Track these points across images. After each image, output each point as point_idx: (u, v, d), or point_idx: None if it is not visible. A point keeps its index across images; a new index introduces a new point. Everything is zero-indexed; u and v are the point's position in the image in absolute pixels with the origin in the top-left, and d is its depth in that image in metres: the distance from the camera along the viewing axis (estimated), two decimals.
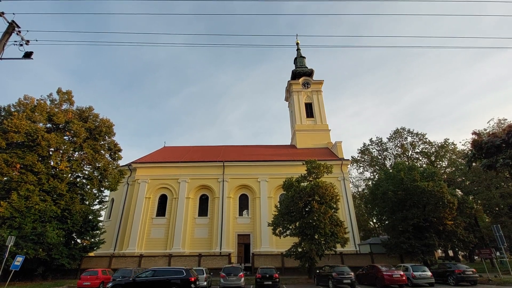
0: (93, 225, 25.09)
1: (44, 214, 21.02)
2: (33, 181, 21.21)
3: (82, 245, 24.45)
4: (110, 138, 27.18)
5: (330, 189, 21.89)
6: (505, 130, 24.42)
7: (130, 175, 33.85)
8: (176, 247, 29.43)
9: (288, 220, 22.39)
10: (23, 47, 11.58)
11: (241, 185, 33.64)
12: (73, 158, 24.68)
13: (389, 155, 44.54)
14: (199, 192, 33.76)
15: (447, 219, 23.23)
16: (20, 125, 21.15)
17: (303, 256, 21.06)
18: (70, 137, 24.53)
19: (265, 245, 29.49)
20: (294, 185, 22.89)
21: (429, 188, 22.89)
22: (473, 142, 26.06)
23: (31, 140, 21.80)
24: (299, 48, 52.82)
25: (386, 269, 17.72)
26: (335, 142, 37.30)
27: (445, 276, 18.77)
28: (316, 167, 22.90)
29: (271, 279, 16.89)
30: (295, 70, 49.07)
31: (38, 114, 23.22)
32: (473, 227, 30.29)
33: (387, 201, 25.62)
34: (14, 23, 11.26)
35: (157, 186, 33.45)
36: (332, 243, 20.88)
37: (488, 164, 24.09)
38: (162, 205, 33.05)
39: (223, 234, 30.33)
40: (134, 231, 30.32)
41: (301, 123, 42.52)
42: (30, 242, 19.66)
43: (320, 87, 45.44)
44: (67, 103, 25.91)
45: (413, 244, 23.05)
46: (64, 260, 21.64)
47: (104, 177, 25.58)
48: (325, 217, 20.55)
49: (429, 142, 41.31)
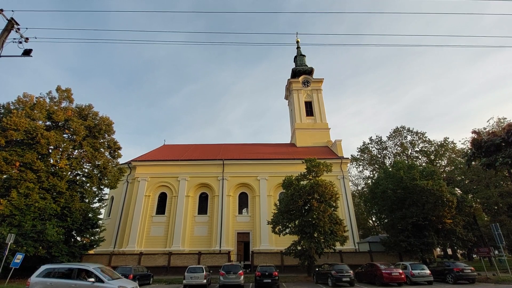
0: (93, 223, 25.07)
1: (44, 212, 21.01)
2: (33, 179, 21.18)
3: (82, 243, 24.45)
4: (109, 136, 27.14)
5: (329, 188, 21.92)
6: (505, 129, 24.47)
7: (129, 173, 33.84)
8: (175, 245, 29.50)
9: (287, 218, 22.42)
10: (22, 45, 11.57)
11: (241, 183, 33.66)
12: (72, 156, 24.62)
13: (388, 153, 44.64)
14: (199, 190, 33.79)
15: (446, 218, 23.30)
16: (19, 123, 21.10)
17: (302, 254, 21.12)
18: (69, 135, 24.46)
19: (264, 243, 29.58)
20: (293, 184, 22.91)
21: (428, 187, 22.94)
22: (472, 141, 26.12)
23: (30, 138, 21.74)
24: (299, 47, 52.68)
25: (385, 267, 17.79)
26: (335, 140, 37.29)
27: (444, 275, 18.84)
28: (316, 166, 22.91)
29: (270, 277, 16.93)
30: (295, 68, 48.96)
31: (38, 112, 23.15)
32: (472, 225, 30.39)
33: (387, 199, 25.68)
34: (13, 20, 11.22)
35: (157, 184, 33.48)
36: (331, 241, 20.91)
37: (488, 163, 24.16)
38: (161, 203, 33.08)
39: (223, 232, 30.40)
40: (134, 229, 30.37)
41: (301, 122, 42.47)
42: (30, 239, 19.64)
43: (320, 85, 45.37)
44: (67, 101, 25.84)
45: (412, 242, 23.12)
46: (64, 257, 21.64)
47: (103, 175, 25.55)
48: (324, 215, 20.59)
49: (428, 141, 41.40)
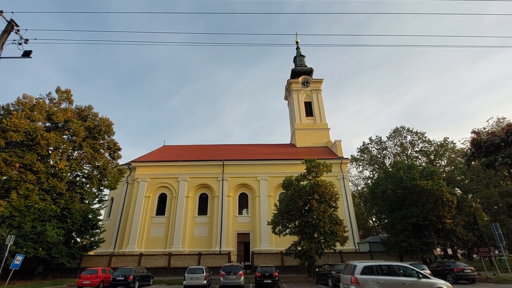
0: (93, 224, 25.06)
1: (44, 213, 21.00)
2: (33, 180, 21.18)
3: (82, 244, 24.44)
4: (109, 137, 27.13)
5: (329, 188, 21.92)
6: (504, 129, 24.50)
7: (129, 174, 33.83)
8: (175, 246, 29.47)
9: (287, 218, 22.41)
10: (22, 46, 11.56)
11: (241, 184, 33.65)
12: (72, 157, 24.63)
13: (388, 154, 44.62)
14: (199, 191, 33.77)
15: (446, 218, 23.30)
16: (19, 124, 21.10)
17: (302, 254, 21.10)
18: (69, 136, 24.47)
19: (264, 244, 29.55)
20: (293, 184, 22.90)
21: (428, 187, 22.95)
22: (472, 141, 26.14)
23: (30, 139, 21.74)
24: (298, 47, 52.74)
25: None
26: (335, 141, 37.30)
27: (444, 274, 18.83)
28: (316, 166, 22.91)
29: (270, 277, 16.92)
30: (295, 69, 49.00)
31: (37, 113, 23.16)
32: (472, 225, 30.41)
33: (387, 199, 25.68)
34: (13, 21, 11.22)
35: (157, 185, 33.46)
36: (331, 242, 20.91)
37: (487, 162, 24.18)
38: (161, 204, 33.06)
39: (223, 232, 30.37)
40: (134, 230, 30.34)
41: (301, 122, 42.49)
42: (30, 241, 19.63)
43: (319, 86, 45.40)
44: (66, 102, 25.84)
45: (412, 242, 23.12)
46: (64, 259, 21.64)
47: (103, 176, 25.55)
48: (324, 215, 20.59)
49: (428, 141, 41.39)
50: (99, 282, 17.92)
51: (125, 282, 17.41)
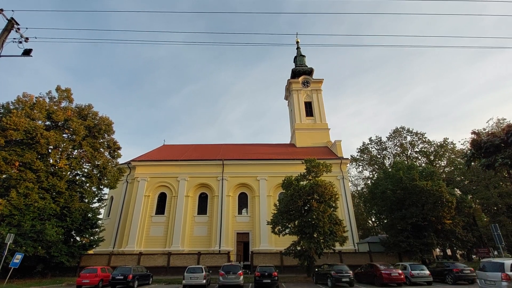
0: (92, 223, 25.07)
1: (43, 211, 21.00)
2: (32, 179, 21.17)
3: (81, 242, 24.41)
4: (109, 136, 27.15)
5: (329, 188, 21.92)
6: (504, 129, 24.50)
7: (129, 173, 33.83)
8: (175, 245, 29.48)
9: (287, 218, 22.42)
10: (22, 44, 11.57)
11: (241, 183, 33.66)
12: (72, 156, 24.62)
13: (388, 154, 44.65)
14: (199, 191, 33.78)
15: (446, 218, 23.33)
16: (19, 122, 21.09)
17: (302, 254, 21.12)
18: (69, 135, 24.46)
19: (264, 244, 29.57)
20: (293, 184, 22.91)
21: (428, 187, 22.96)
22: (472, 141, 26.14)
23: (30, 138, 21.74)
24: (299, 47, 52.72)
25: (385, 267, 17.80)
26: (335, 141, 37.32)
27: (443, 275, 18.85)
28: (315, 166, 22.91)
29: (270, 277, 16.94)
30: (295, 68, 48.97)
31: (37, 112, 23.14)
32: (471, 226, 30.45)
33: (386, 200, 25.69)
34: (13, 20, 11.22)
35: (157, 184, 33.47)
36: (331, 242, 20.92)
37: (487, 163, 24.18)
38: (161, 203, 33.06)
39: (222, 232, 30.39)
40: (133, 229, 30.35)
41: (301, 122, 42.49)
42: (29, 239, 19.65)
43: (319, 86, 45.40)
44: (66, 100, 25.83)
45: (411, 243, 23.15)
46: (63, 257, 21.65)
47: (103, 175, 25.54)
48: (324, 215, 20.60)
49: (428, 142, 41.40)
50: (98, 281, 17.92)
51: (125, 281, 17.42)
